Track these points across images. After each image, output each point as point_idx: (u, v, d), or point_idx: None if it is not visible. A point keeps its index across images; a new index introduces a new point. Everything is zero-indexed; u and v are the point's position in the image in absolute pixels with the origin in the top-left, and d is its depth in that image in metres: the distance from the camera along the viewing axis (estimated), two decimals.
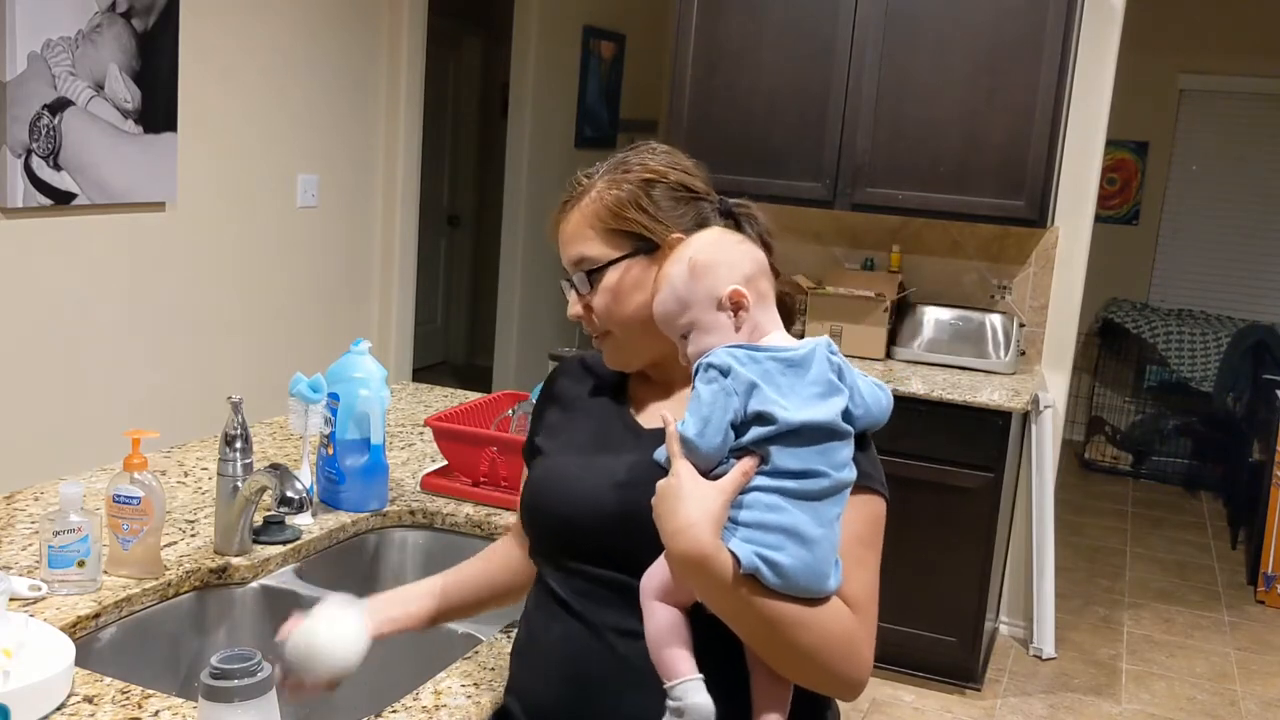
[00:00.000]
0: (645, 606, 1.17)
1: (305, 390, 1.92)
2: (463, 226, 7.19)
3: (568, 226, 1.37)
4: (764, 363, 1.16)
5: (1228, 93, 6.25)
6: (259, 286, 3.83)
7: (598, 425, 1.37)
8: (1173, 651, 3.94)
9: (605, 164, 1.38)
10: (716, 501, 1.11)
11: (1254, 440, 5.24)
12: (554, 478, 1.33)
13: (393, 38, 4.28)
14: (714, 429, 1.13)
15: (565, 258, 1.37)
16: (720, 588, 1.10)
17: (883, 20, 3.52)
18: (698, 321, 1.21)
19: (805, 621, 1.10)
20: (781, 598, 1.09)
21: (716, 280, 1.20)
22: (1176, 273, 6.49)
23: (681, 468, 1.13)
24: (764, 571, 1.09)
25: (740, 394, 1.14)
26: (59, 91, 2.99)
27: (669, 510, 1.12)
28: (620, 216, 1.33)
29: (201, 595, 1.67)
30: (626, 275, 1.33)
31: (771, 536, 1.10)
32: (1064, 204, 3.74)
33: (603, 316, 1.35)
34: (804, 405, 1.14)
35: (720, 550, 1.09)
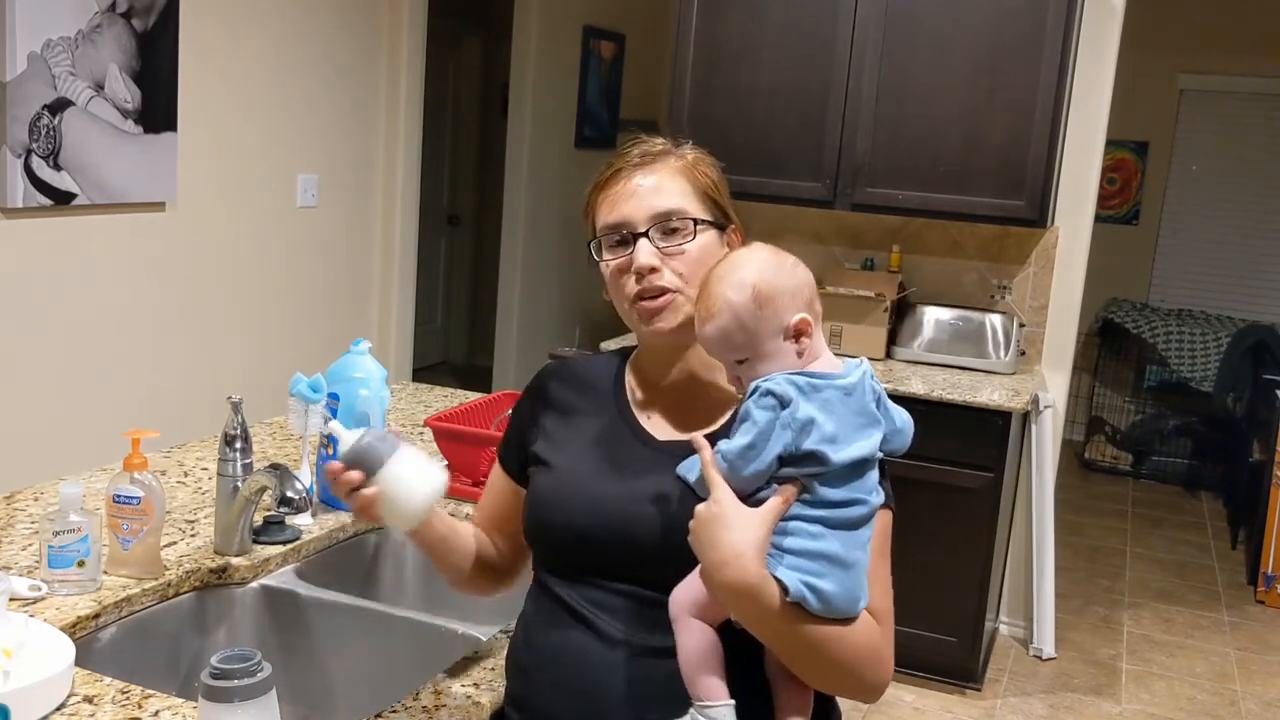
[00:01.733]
0: (679, 623, 1.16)
1: (305, 390, 1.92)
2: (463, 226, 7.19)
3: (653, 179, 1.31)
4: (824, 390, 1.15)
5: (1228, 93, 6.25)
6: (259, 286, 3.83)
7: (604, 434, 1.33)
8: (1173, 651, 3.94)
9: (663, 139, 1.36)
10: (761, 530, 1.11)
11: (1254, 440, 5.24)
12: (571, 491, 1.29)
13: (393, 38, 4.28)
14: (759, 456, 1.12)
15: (644, 209, 1.29)
16: (766, 614, 1.11)
17: (883, 20, 3.52)
18: (759, 350, 1.18)
19: (840, 637, 1.13)
20: (820, 620, 1.12)
21: (781, 309, 1.18)
22: (1176, 273, 6.49)
23: (724, 494, 1.12)
24: (809, 599, 1.11)
25: (794, 429, 1.13)
26: (59, 91, 2.99)
27: (713, 538, 1.11)
28: (714, 187, 1.33)
29: (201, 595, 1.67)
30: (706, 239, 1.30)
31: (815, 564, 1.12)
32: (1064, 204, 3.74)
33: (683, 274, 1.28)
34: (851, 440, 1.15)
35: (767, 579, 1.10)
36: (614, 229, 1.31)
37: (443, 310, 7.21)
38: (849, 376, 1.18)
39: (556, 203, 5.86)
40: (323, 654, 1.69)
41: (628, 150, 1.35)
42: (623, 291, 1.31)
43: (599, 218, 1.35)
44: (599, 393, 1.38)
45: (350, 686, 1.68)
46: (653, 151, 1.33)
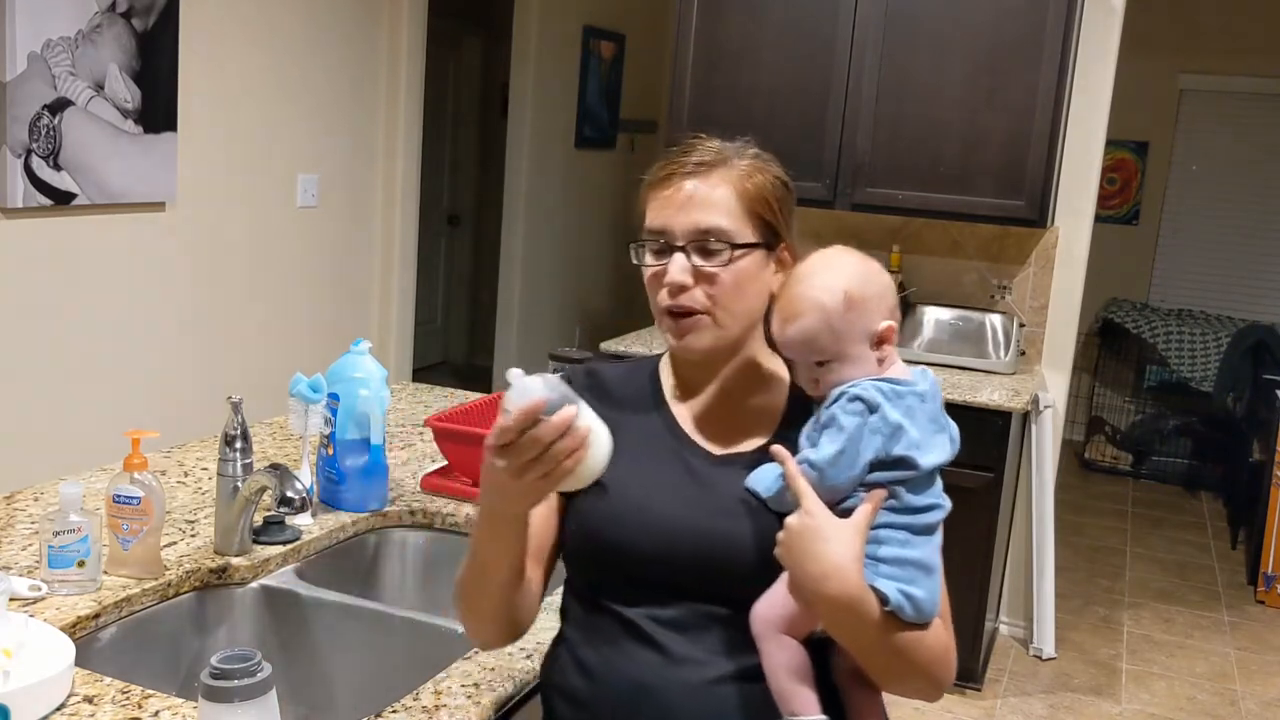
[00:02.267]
0: (766, 639, 1.15)
1: (305, 390, 1.92)
2: (463, 226, 7.19)
3: (704, 190, 1.25)
4: (906, 398, 1.16)
5: (1228, 93, 6.25)
6: (259, 286, 3.83)
7: (655, 448, 1.29)
8: (1173, 651, 3.94)
9: (728, 144, 1.30)
10: (857, 541, 1.11)
11: (1254, 440, 5.24)
12: (635, 509, 1.23)
13: (393, 38, 4.28)
14: (850, 463, 1.12)
15: (686, 223, 1.24)
16: (863, 625, 1.11)
17: (883, 20, 3.52)
18: (844, 354, 1.17)
19: (920, 641, 1.15)
20: (907, 626, 1.13)
21: (871, 314, 1.18)
22: (1176, 273, 6.49)
23: (816, 505, 1.12)
24: (906, 607, 1.12)
25: (884, 434, 1.13)
26: (59, 91, 2.99)
27: (811, 551, 1.10)
28: (765, 202, 1.27)
29: (201, 595, 1.67)
30: (748, 261, 1.25)
31: (906, 571, 1.13)
32: (1064, 204, 3.74)
33: (715, 297, 1.24)
34: (932, 445, 1.16)
35: (867, 591, 1.11)
36: (655, 234, 1.28)
37: (443, 310, 7.21)
38: (923, 383, 1.19)
39: (556, 203, 5.86)
40: (323, 654, 1.69)
41: (686, 151, 1.29)
42: (656, 299, 1.28)
43: (646, 218, 1.31)
44: (637, 404, 1.33)
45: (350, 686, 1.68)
46: (708, 160, 1.26)
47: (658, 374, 1.37)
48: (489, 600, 1.23)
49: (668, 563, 1.21)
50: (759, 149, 1.31)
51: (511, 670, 1.40)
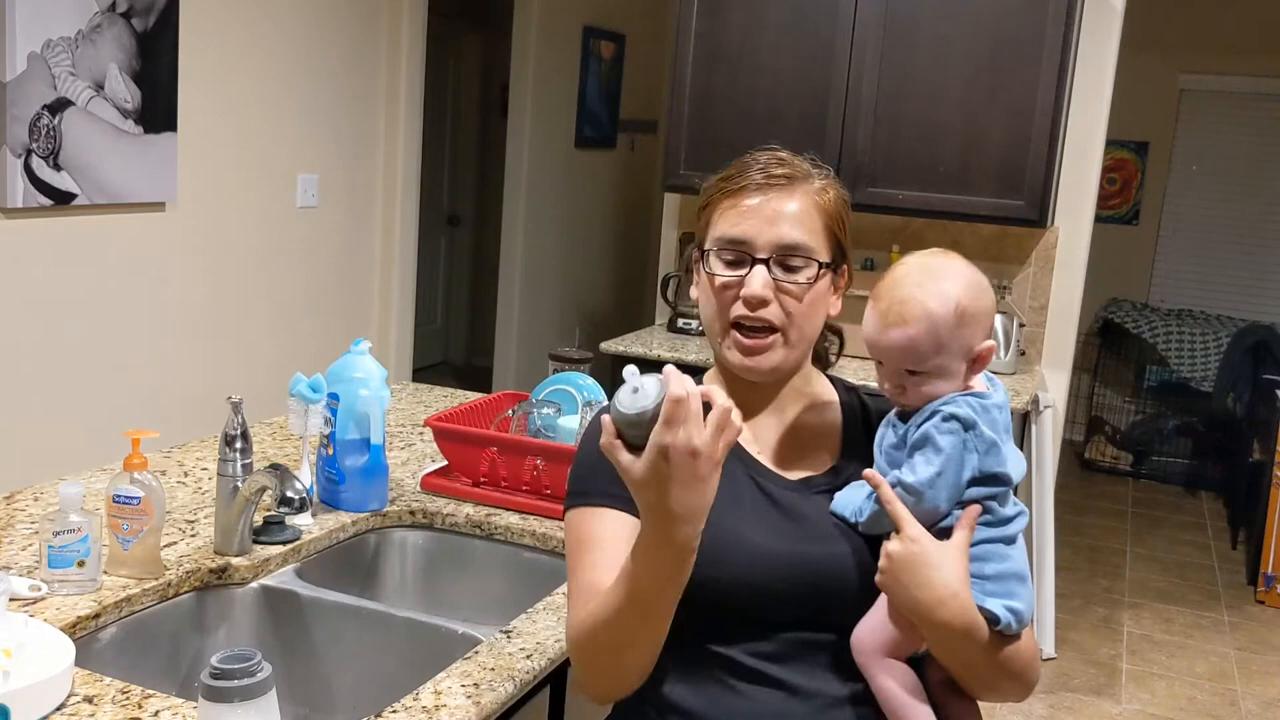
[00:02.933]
0: (874, 665, 1.14)
1: (305, 390, 1.92)
2: (463, 226, 7.19)
3: (787, 205, 1.22)
4: (993, 412, 1.15)
5: (1228, 93, 6.25)
6: (259, 286, 3.83)
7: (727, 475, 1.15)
8: (1173, 651, 3.94)
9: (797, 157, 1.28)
10: (963, 564, 1.11)
11: (1254, 440, 5.24)
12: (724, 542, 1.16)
13: (393, 38, 4.28)
14: (949, 483, 1.11)
15: (771, 235, 1.21)
16: (975, 645, 1.11)
17: (883, 20, 3.52)
18: (943, 367, 1.15)
19: (1017, 649, 1.15)
20: (1008, 638, 1.13)
21: (977, 332, 1.16)
22: (1176, 273, 6.49)
23: (917, 530, 1.11)
24: (1013, 623, 1.12)
25: (981, 451, 1.12)
26: (59, 91, 2.99)
27: (921, 579, 1.09)
28: (838, 220, 1.26)
29: (201, 595, 1.67)
30: (823, 283, 1.24)
31: (1007, 585, 1.13)
32: (1064, 204, 3.74)
33: (791, 315, 1.22)
34: (1015, 456, 1.15)
35: (978, 613, 1.11)
36: (733, 244, 1.22)
37: (443, 310, 7.21)
38: (998, 394, 1.17)
39: (556, 203, 5.86)
40: (323, 654, 1.69)
41: (765, 163, 1.25)
42: (722, 311, 1.23)
43: (716, 226, 1.25)
44: None
45: (350, 686, 1.68)
46: (789, 174, 1.24)
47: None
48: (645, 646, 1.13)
49: (769, 596, 1.17)
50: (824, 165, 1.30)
51: (512, 670, 1.40)
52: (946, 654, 1.14)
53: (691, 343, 3.81)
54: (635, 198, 6.56)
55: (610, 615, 1.10)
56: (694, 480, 1.00)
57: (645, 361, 3.61)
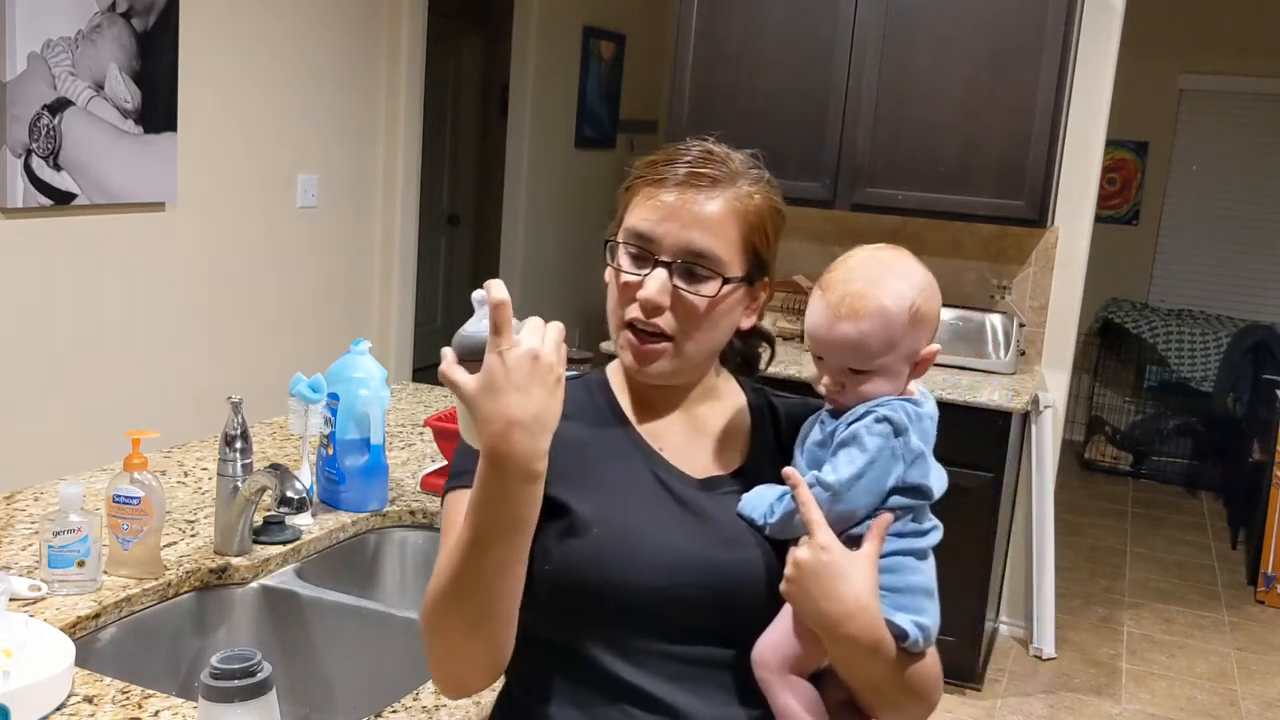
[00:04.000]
0: (776, 682, 1.08)
1: (305, 390, 1.92)
2: (463, 226, 7.19)
3: (704, 206, 1.12)
4: (925, 422, 1.10)
5: (1228, 93, 6.25)
6: (259, 286, 3.83)
7: (623, 471, 1.16)
8: (1173, 651, 3.94)
9: (734, 154, 1.18)
10: (873, 576, 1.05)
11: (1254, 440, 5.24)
12: (625, 542, 1.09)
13: (393, 38, 4.28)
14: (869, 487, 1.06)
15: (679, 238, 1.12)
16: (881, 661, 1.06)
17: (883, 20, 3.52)
18: (888, 368, 1.09)
19: (923, 668, 1.11)
20: (916, 656, 1.09)
21: (926, 333, 1.10)
22: (1176, 273, 6.49)
23: (829, 539, 1.05)
24: (920, 640, 1.08)
25: (907, 460, 1.07)
26: (59, 91, 2.99)
27: (828, 590, 1.03)
28: (763, 234, 1.16)
29: (201, 595, 1.67)
30: (731, 297, 1.14)
31: (916, 600, 1.09)
32: (1064, 204, 3.74)
33: (684, 323, 1.13)
34: (938, 469, 1.11)
35: (885, 628, 1.06)
36: (639, 240, 1.14)
37: (443, 310, 7.21)
38: (929, 404, 1.13)
39: (556, 203, 5.86)
40: (323, 654, 1.69)
41: (692, 158, 1.15)
42: (619, 308, 1.16)
43: (630, 215, 1.16)
44: (596, 421, 1.19)
45: (350, 686, 1.68)
46: (712, 173, 1.14)
47: (609, 388, 1.23)
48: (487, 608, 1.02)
49: (674, 603, 1.08)
50: (763, 166, 1.20)
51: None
52: (851, 670, 1.08)
53: None
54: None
55: (457, 567, 1.00)
56: (534, 385, 0.95)
57: None
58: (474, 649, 1.04)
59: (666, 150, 1.18)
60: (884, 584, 1.06)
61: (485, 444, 0.96)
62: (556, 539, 1.10)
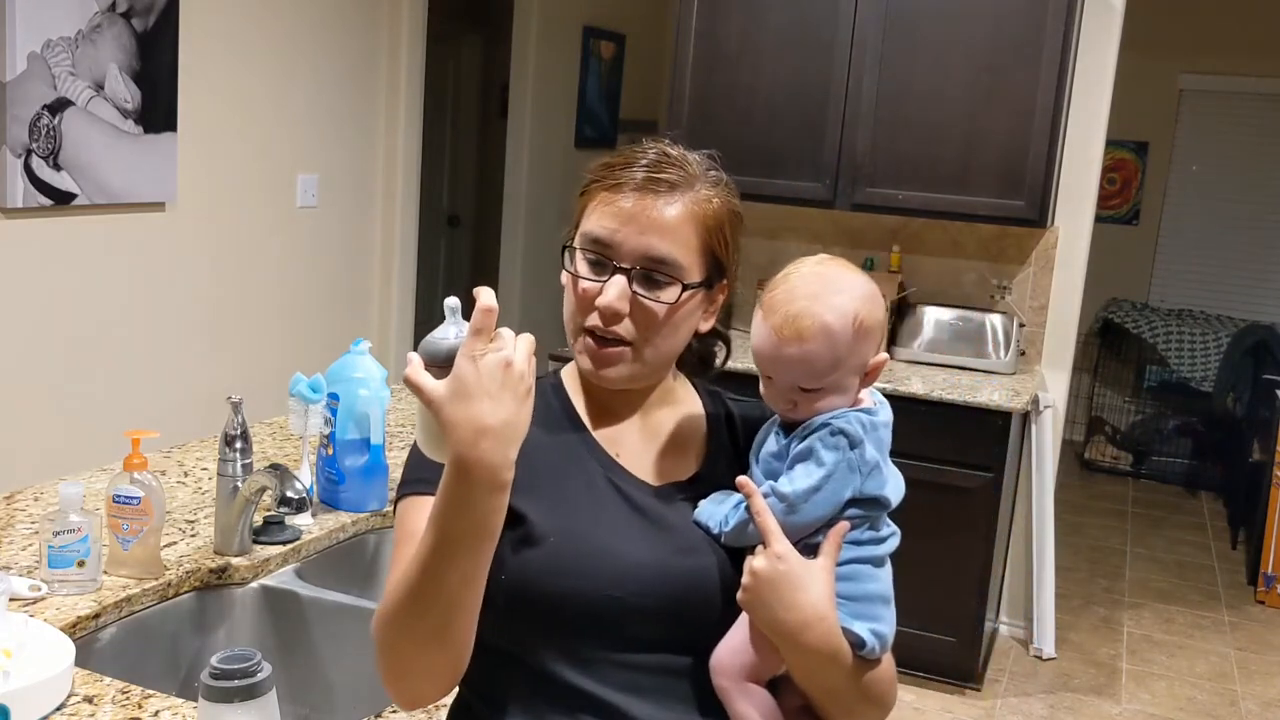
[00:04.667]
0: (734, 691, 1.08)
1: (305, 390, 1.92)
2: (463, 226, 7.18)
3: (663, 211, 1.11)
4: (880, 431, 1.10)
5: (1228, 93, 6.25)
6: (259, 286, 3.83)
7: (579, 477, 1.14)
8: (1173, 651, 3.94)
9: (690, 155, 1.16)
10: (830, 585, 1.05)
11: (1254, 440, 5.24)
12: (583, 550, 1.08)
13: (393, 38, 4.28)
14: (826, 500, 1.06)
15: (637, 244, 1.10)
16: (839, 669, 1.06)
17: (883, 20, 3.52)
18: (838, 383, 1.09)
19: (879, 674, 1.10)
20: (870, 663, 1.09)
21: (871, 346, 1.09)
22: (1176, 273, 6.49)
23: (785, 548, 1.04)
24: (876, 647, 1.08)
25: (863, 473, 1.07)
26: (59, 91, 2.99)
27: (786, 599, 1.03)
28: (721, 238, 1.15)
29: (201, 595, 1.67)
30: (690, 302, 1.14)
31: (873, 608, 1.09)
32: (1064, 204, 3.74)
33: (643, 330, 1.12)
34: (895, 478, 1.11)
35: (843, 637, 1.06)
36: (597, 246, 1.12)
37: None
38: (884, 412, 1.12)
39: (556, 203, 5.86)
40: (323, 654, 1.69)
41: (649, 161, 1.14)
42: (577, 314, 1.14)
43: (588, 220, 1.14)
44: (550, 425, 1.17)
45: (350, 686, 1.68)
46: (672, 179, 1.12)
47: (564, 391, 1.22)
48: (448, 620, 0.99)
49: (632, 612, 1.07)
50: (720, 168, 1.19)
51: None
52: (808, 679, 1.08)
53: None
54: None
55: (417, 577, 0.98)
56: (505, 394, 0.94)
57: None
58: (433, 660, 1.02)
59: (622, 153, 1.17)
60: (841, 592, 1.07)
61: (452, 451, 0.94)
62: (512, 548, 1.08)
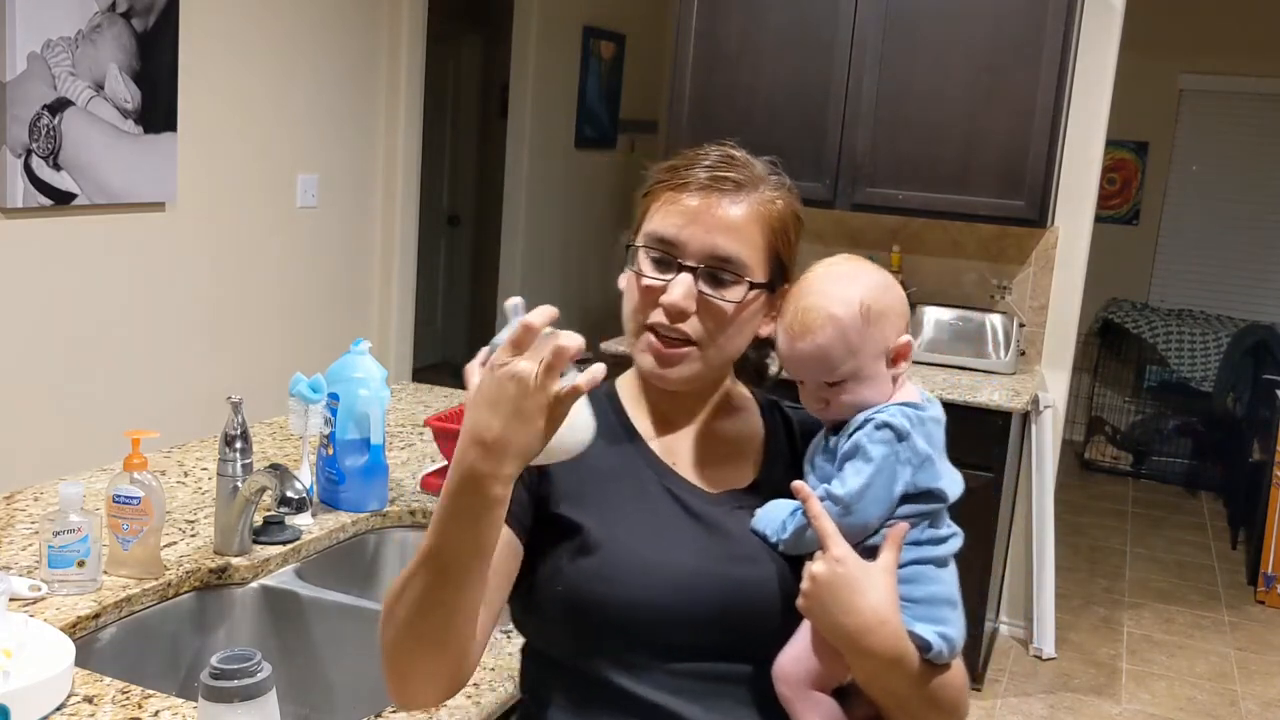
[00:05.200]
0: (796, 699, 1.06)
1: (305, 390, 1.92)
2: (463, 226, 7.19)
3: (730, 210, 1.11)
4: (927, 424, 1.08)
5: (1228, 93, 6.25)
6: (259, 286, 3.83)
7: (635, 487, 1.14)
8: (1173, 651, 3.94)
9: (755, 160, 1.17)
10: (892, 587, 1.03)
11: (1254, 440, 5.24)
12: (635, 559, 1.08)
13: (393, 38, 4.28)
14: (880, 496, 1.04)
15: (704, 243, 1.10)
16: (906, 675, 1.04)
17: (883, 20, 3.52)
18: (860, 371, 1.08)
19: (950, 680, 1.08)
20: (939, 667, 1.06)
21: (888, 329, 1.09)
22: (1176, 273, 6.49)
23: (844, 551, 1.03)
24: (945, 650, 1.05)
25: (914, 464, 1.05)
26: (59, 91, 2.99)
27: (846, 604, 1.01)
28: (785, 239, 1.15)
29: (201, 595, 1.67)
30: (755, 303, 1.14)
31: (938, 610, 1.06)
32: (1064, 204, 3.74)
33: (709, 329, 1.12)
34: (952, 474, 1.09)
35: (908, 640, 1.04)
36: (662, 245, 1.12)
37: (443, 310, 7.20)
38: (934, 408, 1.11)
39: (556, 203, 5.86)
40: (323, 654, 1.69)
41: (714, 162, 1.14)
42: (639, 312, 1.14)
43: (652, 219, 1.15)
44: (610, 440, 1.16)
45: (350, 686, 1.68)
46: (739, 179, 1.13)
47: (619, 402, 1.22)
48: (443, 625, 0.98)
49: (686, 620, 1.07)
50: (782, 173, 1.19)
51: (511, 670, 1.40)
52: (873, 685, 1.06)
53: None
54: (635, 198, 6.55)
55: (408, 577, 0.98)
56: (506, 408, 0.90)
57: None
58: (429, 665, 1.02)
59: (685, 155, 1.17)
60: (904, 594, 1.05)
61: (454, 454, 0.94)
62: (568, 559, 1.09)
